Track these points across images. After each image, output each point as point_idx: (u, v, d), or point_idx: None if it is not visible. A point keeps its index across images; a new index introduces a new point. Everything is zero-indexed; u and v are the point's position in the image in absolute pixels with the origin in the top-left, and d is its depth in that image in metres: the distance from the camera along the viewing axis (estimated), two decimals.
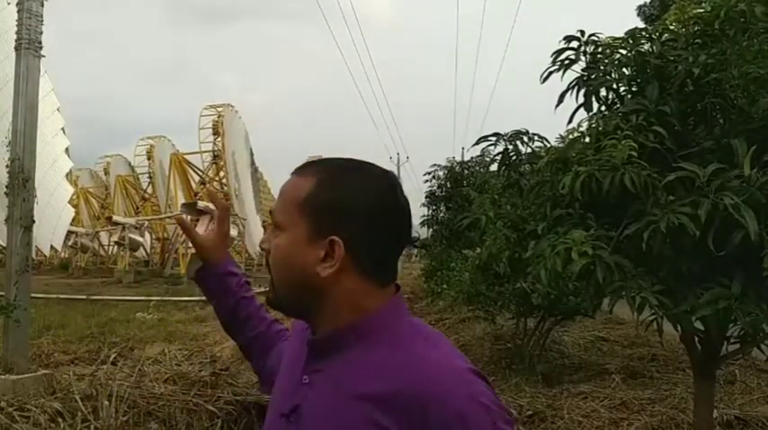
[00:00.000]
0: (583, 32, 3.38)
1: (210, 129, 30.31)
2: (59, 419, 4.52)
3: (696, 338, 3.40)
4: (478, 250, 5.77)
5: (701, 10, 3.21)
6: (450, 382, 0.87)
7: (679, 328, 3.10)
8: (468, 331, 9.36)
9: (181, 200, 29.21)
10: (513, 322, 7.87)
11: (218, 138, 30.10)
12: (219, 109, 30.88)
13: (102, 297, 15.76)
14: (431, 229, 15.11)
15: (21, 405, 4.61)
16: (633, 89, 3.33)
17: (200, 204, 23.00)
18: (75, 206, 33.54)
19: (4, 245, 6.57)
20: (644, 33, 3.30)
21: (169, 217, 32.09)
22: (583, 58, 3.38)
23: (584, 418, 4.92)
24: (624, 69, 3.29)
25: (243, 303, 1.35)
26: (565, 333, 8.26)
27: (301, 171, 1.02)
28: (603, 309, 4.83)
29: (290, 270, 0.97)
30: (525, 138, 3.87)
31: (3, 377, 5.20)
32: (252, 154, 34.44)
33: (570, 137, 3.40)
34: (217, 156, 30.20)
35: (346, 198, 0.95)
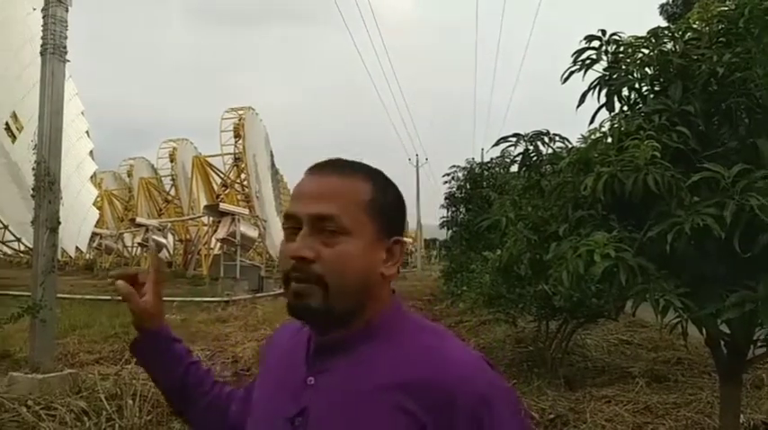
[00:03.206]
0: (604, 32, 3.34)
1: (232, 132, 30.55)
2: (85, 418, 4.60)
3: (722, 342, 3.34)
4: (499, 252, 5.73)
5: (725, 8, 3.15)
6: (471, 370, 0.93)
7: (704, 331, 3.05)
8: (489, 334, 9.32)
9: (203, 202, 29.51)
10: (534, 325, 7.81)
11: (239, 141, 30.33)
12: (240, 112, 31.12)
13: None
14: (450, 231, 15.05)
15: (47, 403, 4.71)
16: (656, 89, 3.29)
17: (222, 206, 23.30)
18: (99, 208, 34.05)
19: (31, 246, 6.69)
20: (666, 32, 3.25)
21: (192, 218, 32.47)
22: (604, 57, 3.34)
23: (608, 422, 4.87)
24: (647, 69, 3.25)
25: (192, 368, 1.25)
26: (587, 336, 8.17)
27: (342, 171, 0.99)
28: (627, 312, 4.79)
29: (359, 274, 0.95)
30: (546, 139, 3.84)
31: (30, 376, 5.30)
32: (272, 156, 34.66)
33: (592, 137, 3.36)
34: (238, 159, 30.44)
35: (395, 201, 1.02)
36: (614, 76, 3.29)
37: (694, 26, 3.27)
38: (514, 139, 3.86)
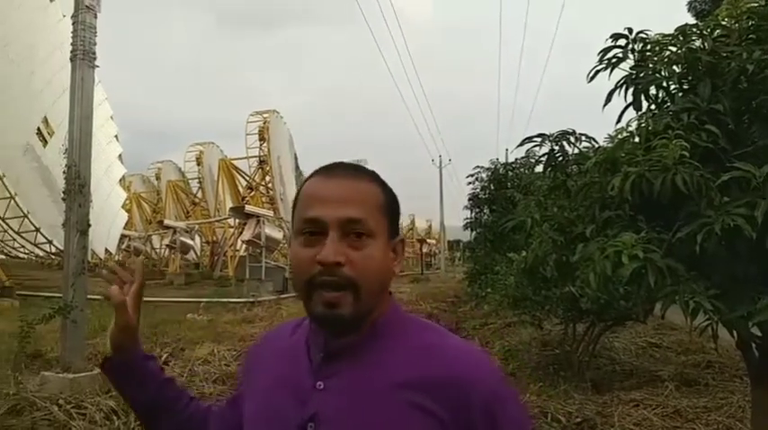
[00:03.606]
0: (630, 30, 3.30)
1: (257, 135, 30.87)
2: (114, 417, 4.67)
3: (753, 344, 3.27)
4: (524, 253, 5.69)
5: (755, 4, 3.09)
6: (483, 367, 0.98)
7: (735, 334, 2.98)
8: (515, 336, 9.24)
9: (229, 204, 29.85)
10: (560, 327, 7.73)
11: (264, 144, 30.63)
12: (265, 115, 31.44)
13: (154, 298, 16.23)
14: (474, 232, 14.97)
15: (78, 402, 4.80)
16: (684, 87, 3.23)
17: (248, 208, 23.53)
18: (128, 211, 34.62)
19: (62, 248, 6.83)
20: (695, 29, 3.19)
21: (218, 220, 32.85)
22: (631, 55, 3.30)
23: (636, 426, 4.80)
24: (674, 67, 3.20)
25: (167, 385, 1.20)
26: (615, 339, 8.07)
27: (355, 174, 1.00)
28: (655, 314, 4.71)
29: (384, 275, 0.97)
30: (572, 139, 3.79)
31: (61, 375, 5.41)
32: (296, 158, 34.91)
33: (619, 137, 3.32)
34: (263, 161, 30.77)
35: (396, 201, 1.04)
36: (641, 75, 3.24)
37: (723, 23, 3.21)
38: (539, 139, 3.82)
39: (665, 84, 3.26)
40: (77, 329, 5.77)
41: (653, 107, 3.35)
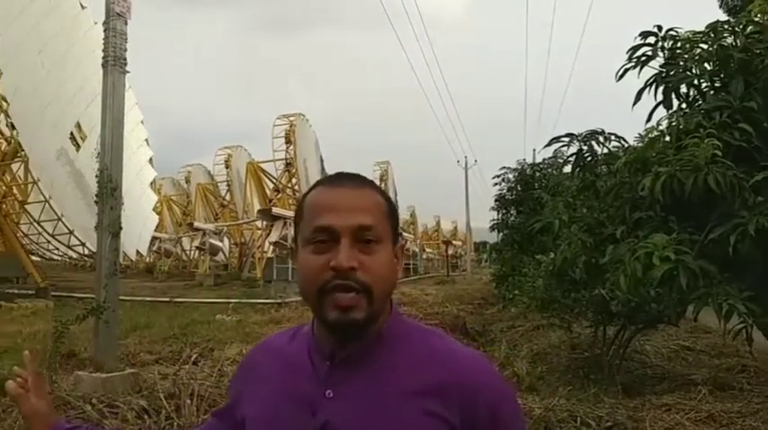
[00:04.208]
0: (660, 28, 3.25)
1: (283, 138, 31.14)
2: (145, 416, 4.75)
3: None
4: (552, 255, 5.63)
5: None
6: (485, 370, 1.03)
7: None
8: (543, 339, 9.15)
9: (256, 206, 30.17)
10: (590, 330, 7.62)
11: (291, 147, 30.87)
12: (291, 118, 31.66)
13: (184, 299, 16.48)
14: (501, 234, 14.86)
15: (110, 401, 4.89)
16: (716, 85, 3.18)
17: (275, 210, 23.76)
18: (158, 213, 35.14)
19: (95, 250, 6.96)
20: (726, 26, 3.14)
21: (246, 223, 33.22)
22: (660, 54, 3.25)
23: None
24: (706, 64, 3.14)
25: None
26: (647, 342, 7.92)
27: (361, 183, 1.04)
28: (688, 317, 4.62)
29: (392, 279, 1.00)
30: (601, 139, 3.75)
31: (94, 375, 5.52)
32: (322, 160, 35.09)
33: (649, 136, 3.27)
34: (289, 164, 30.98)
35: (396, 207, 1.08)
36: (671, 73, 3.19)
37: (756, 19, 3.14)
38: (567, 139, 3.79)
39: (696, 82, 3.21)
40: (109, 330, 5.87)
41: (684, 105, 3.30)
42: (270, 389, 1.04)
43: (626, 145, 3.73)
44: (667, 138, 3.10)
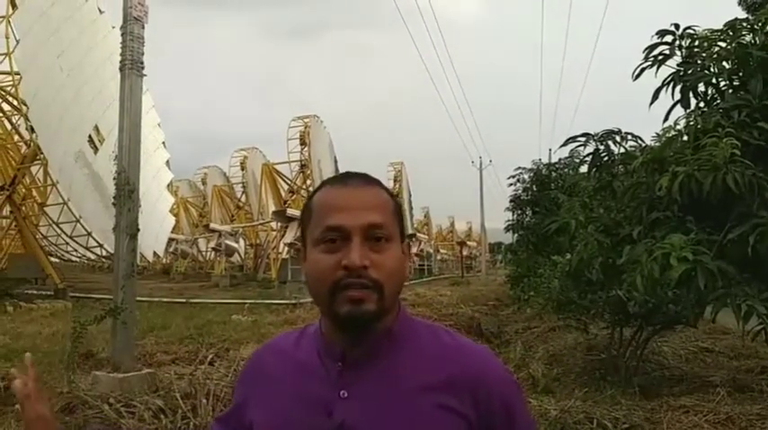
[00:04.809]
0: (677, 26, 3.22)
1: (298, 140, 31.27)
2: (162, 416, 4.79)
3: None
4: (568, 256, 5.59)
5: None
6: (495, 364, 1.06)
7: None
8: (559, 340, 9.08)
9: (271, 208, 30.32)
10: (607, 332, 7.56)
11: (305, 148, 30.99)
12: (306, 120, 31.79)
13: (200, 300, 16.59)
14: (516, 234, 14.78)
15: (127, 401, 4.94)
16: (734, 83, 3.14)
17: (289, 212, 23.86)
18: (175, 215, 35.48)
19: (112, 252, 7.03)
20: (745, 24, 3.10)
21: (261, 224, 33.39)
22: (678, 52, 3.22)
23: None
24: (724, 63, 3.11)
25: None
26: (664, 343, 7.84)
27: (368, 182, 1.04)
28: (706, 318, 4.56)
29: (402, 276, 1.01)
30: (618, 138, 3.73)
31: (111, 375, 5.58)
32: (336, 162, 35.17)
33: (667, 135, 3.24)
34: (304, 166, 31.11)
35: (401, 206, 1.08)
36: (689, 72, 3.16)
37: None
38: (584, 139, 3.77)
39: (714, 80, 3.17)
40: (127, 330, 5.93)
41: (702, 104, 3.27)
42: (280, 392, 1.03)
43: (643, 144, 3.69)
44: (685, 138, 3.07)
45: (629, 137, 3.72)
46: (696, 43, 3.19)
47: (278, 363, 1.08)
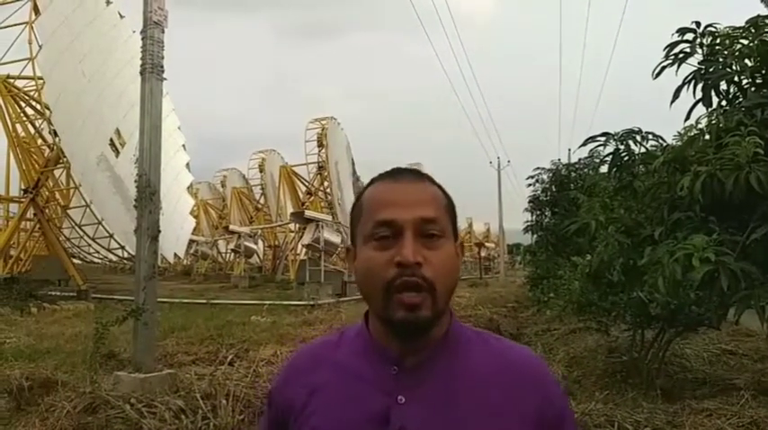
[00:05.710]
0: (698, 24, 3.17)
1: (315, 142, 31.40)
2: (182, 416, 4.83)
3: None
4: (588, 257, 5.53)
5: None
6: (545, 367, 1.06)
7: None
8: (580, 342, 9.00)
9: (289, 209, 30.48)
10: (628, 334, 7.47)
11: (322, 150, 31.10)
12: (323, 122, 31.91)
13: (220, 301, 16.72)
14: (535, 235, 14.68)
15: (148, 401, 4.99)
16: (757, 81, 3.09)
17: (307, 213, 23.97)
18: (195, 217, 35.80)
19: (134, 253, 7.11)
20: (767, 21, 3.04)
21: (279, 225, 33.58)
22: (699, 50, 3.17)
23: None
24: (746, 60, 3.06)
25: None
26: (686, 345, 7.73)
27: (419, 178, 1.01)
28: (730, 320, 4.49)
29: (455, 275, 0.97)
30: (638, 138, 3.68)
31: (133, 375, 5.64)
32: (353, 163, 35.25)
33: (688, 134, 3.19)
34: (321, 167, 31.22)
35: (454, 204, 1.04)
36: (711, 70, 3.11)
37: None
38: (603, 139, 3.73)
39: (736, 78, 3.12)
40: (148, 331, 5.99)
41: (724, 103, 3.22)
42: (332, 398, 0.98)
43: (664, 144, 3.64)
44: (707, 137, 3.02)
45: (650, 136, 3.67)
46: (717, 41, 3.14)
47: (322, 369, 1.02)
